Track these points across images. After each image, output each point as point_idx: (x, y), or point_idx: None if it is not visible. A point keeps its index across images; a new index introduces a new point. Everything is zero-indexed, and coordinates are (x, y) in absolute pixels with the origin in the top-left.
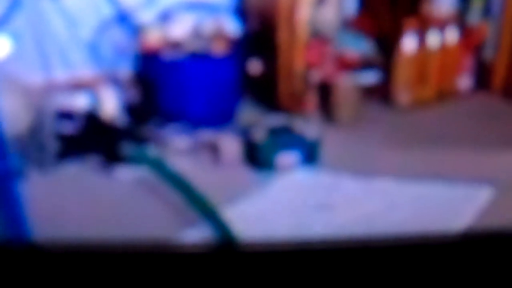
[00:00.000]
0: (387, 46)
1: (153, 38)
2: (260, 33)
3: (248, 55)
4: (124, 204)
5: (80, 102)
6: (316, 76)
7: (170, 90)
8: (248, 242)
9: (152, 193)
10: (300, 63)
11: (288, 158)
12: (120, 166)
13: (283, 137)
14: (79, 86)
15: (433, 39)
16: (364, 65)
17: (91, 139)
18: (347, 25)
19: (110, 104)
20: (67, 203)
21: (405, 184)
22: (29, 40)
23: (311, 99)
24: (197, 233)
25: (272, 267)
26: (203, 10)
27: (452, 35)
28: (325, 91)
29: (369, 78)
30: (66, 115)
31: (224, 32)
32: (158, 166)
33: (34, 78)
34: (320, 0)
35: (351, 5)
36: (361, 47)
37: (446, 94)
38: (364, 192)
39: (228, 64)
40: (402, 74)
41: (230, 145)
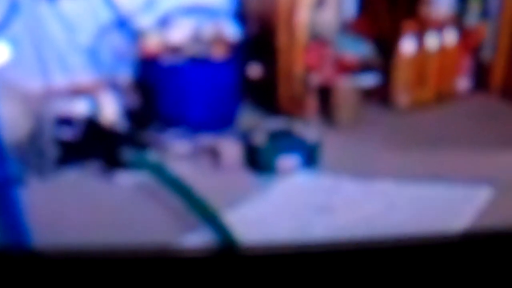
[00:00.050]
0: (386, 48)
1: (152, 43)
2: (260, 37)
3: (247, 59)
4: (124, 210)
5: (79, 107)
6: (315, 79)
7: (170, 94)
8: (249, 245)
9: (152, 198)
10: (300, 66)
11: (288, 161)
12: (120, 172)
13: (283, 140)
14: (78, 91)
15: (432, 41)
16: (363, 67)
17: (91, 145)
18: (346, 28)
19: (110, 110)
20: (67, 209)
21: (405, 186)
22: (28, 46)
23: (311, 102)
24: (198, 238)
25: (273, 271)
26: (202, 14)
27: (450, 37)
28: (325, 94)
29: (369, 80)
30: (65, 121)
31: (223, 36)
32: (158, 171)
33: (33, 84)
34: (319, 3)
35: (350, 8)
36: (360, 50)
37: (445, 96)
38: (364, 194)
39: (227, 68)
40: (401, 76)
41: (231, 149)
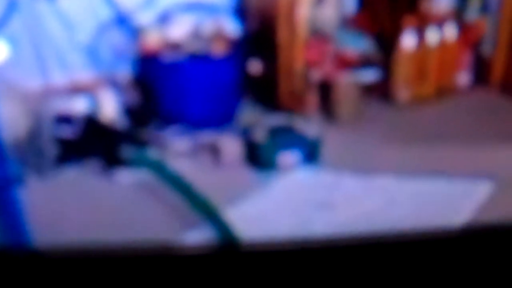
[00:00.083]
0: (386, 43)
1: (152, 40)
2: (260, 33)
3: (248, 55)
4: (125, 207)
5: (79, 105)
6: (316, 74)
7: (170, 92)
8: (249, 242)
9: (153, 195)
10: (300, 62)
11: (289, 157)
12: (120, 169)
13: (283, 136)
14: (77, 89)
15: (432, 36)
16: (364, 63)
17: (91, 143)
18: (347, 24)
19: (110, 107)
20: (67, 208)
21: (405, 181)
22: (27, 44)
23: (311, 98)
24: (198, 235)
25: (274, 267)
26: (202, 11)
27: (450, 32)
28: (325, 90)
29: (369, 76)
30: (65, 119)
31: (223, 32)
32: (158, 168)
33: (32, 82)
34: None
35: (350, 3)
36: (360, 45)
37: (445, 91)
38: (364, 190)
39: (228, 64)
40: (401, 71)
41: (231, 146)
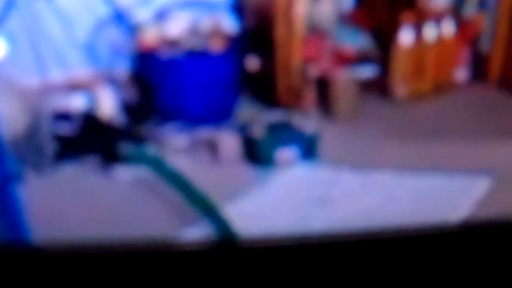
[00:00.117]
0: (384, 40)
1: (150, 36)
2: (257, 30)
3: (245, 52)
4: (123, 204)
5: (77, 102)
6: (313, 71)
7: (168, 88)
8: (248, 238)
9: (151, 192)
10: (298, 58)
11: (287, 153)
12: (119, 166)
13: (281, 133)
14: (76, 86)
15: (430, 32)
16: (362, 59)
17: (89, 140)
18: (344, 20)
19: (108, 104)
20: (66, 205)
21: (403, 177)
22: (25, 42)
23: (309, 94)
24: (197, 231)
25: (273, 263)
26: (200, 7)
27: (448, 28)
28: (323, 86)
29: (367, 72)
30: (63, 116)
31: (221, 29)
32: (157, 165)
33: (30, 80)
34: None
35: None
36: (358, 41)
37: (443, 87)
38: (362, 186)
39: (225, 61)
40: (399, 67)
41: (229, 142)
